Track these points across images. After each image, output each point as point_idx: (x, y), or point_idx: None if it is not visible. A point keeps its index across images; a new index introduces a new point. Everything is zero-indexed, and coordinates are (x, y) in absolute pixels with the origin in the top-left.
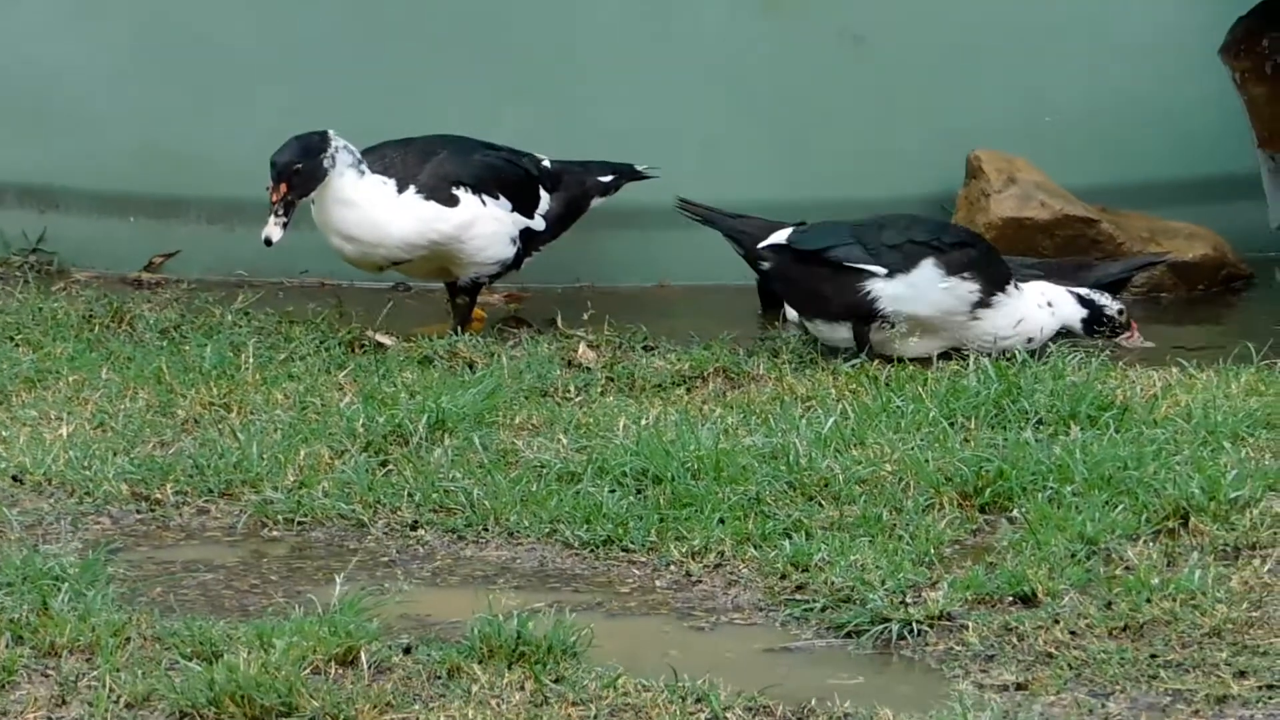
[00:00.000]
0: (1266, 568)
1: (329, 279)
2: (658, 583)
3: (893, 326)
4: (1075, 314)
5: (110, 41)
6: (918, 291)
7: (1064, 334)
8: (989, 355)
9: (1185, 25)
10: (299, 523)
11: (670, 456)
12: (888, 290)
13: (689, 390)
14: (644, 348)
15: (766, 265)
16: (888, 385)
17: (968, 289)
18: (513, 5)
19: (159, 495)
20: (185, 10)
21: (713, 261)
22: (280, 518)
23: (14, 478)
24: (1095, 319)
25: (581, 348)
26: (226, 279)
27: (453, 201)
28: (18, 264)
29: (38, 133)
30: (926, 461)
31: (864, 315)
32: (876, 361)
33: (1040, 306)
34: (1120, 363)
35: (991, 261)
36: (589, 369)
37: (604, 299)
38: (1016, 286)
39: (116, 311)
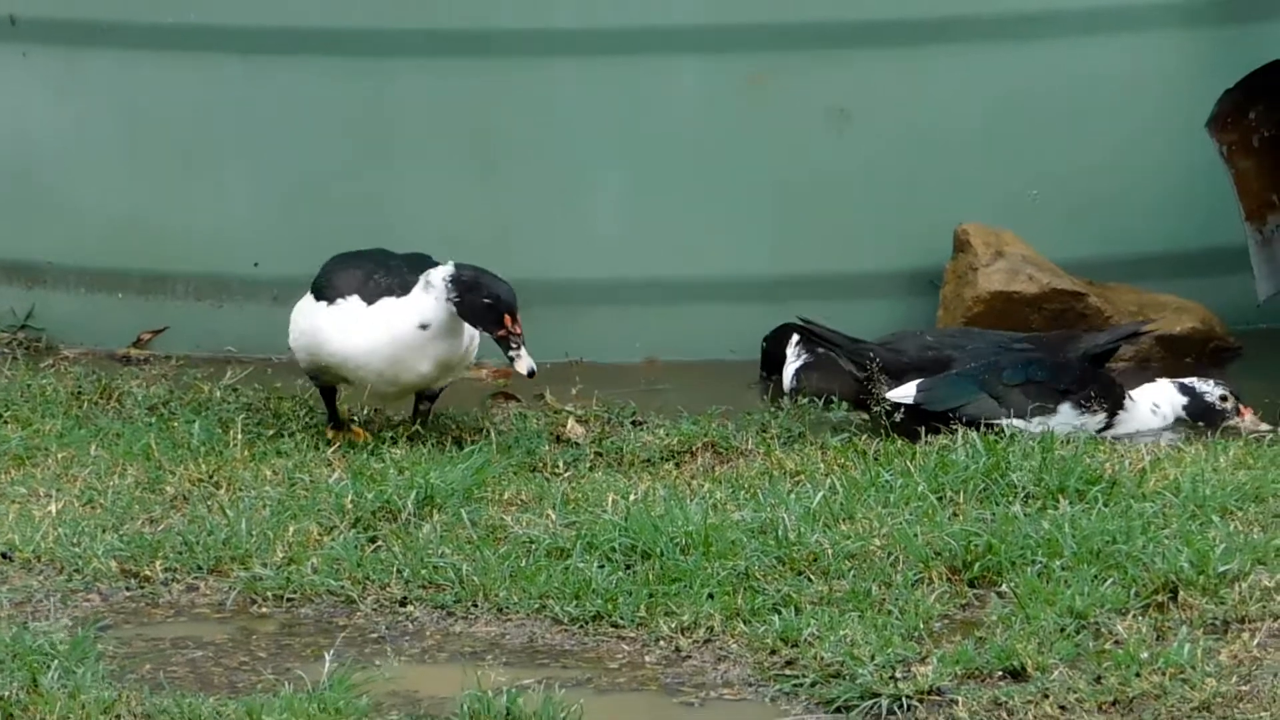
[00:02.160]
0: (1255, 641)
1: None
2: (647, 658)
3: None
4: (1178, 403)
5: (93, 118)
6: (1053, 427)
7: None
8: None
9: (1172, 99)
10: (288, 599)
11: (659, 532)
12: (1024, 427)
13: (678, 465)
14: (632, 423)
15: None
16: (876, 460)
17: (1095, 421)
18: (484, 90)
19: (148, 572)
20: (166, 87)
21: (700, 337)
22: (269, 594)
23: (3, 555)
24: (1194, 407)
25: (570, 423)
26: (214, 355)
27: None
28: (6, 341)
29: (23, 210)
30: (915, 536)
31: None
32: (865, 436)
33: (1153, 413)
34: (1109, 437)
35: (1111, 387)
36: (577, 444)
37: (592, 374)
38: (1131, 399)
39: (105, 388)
